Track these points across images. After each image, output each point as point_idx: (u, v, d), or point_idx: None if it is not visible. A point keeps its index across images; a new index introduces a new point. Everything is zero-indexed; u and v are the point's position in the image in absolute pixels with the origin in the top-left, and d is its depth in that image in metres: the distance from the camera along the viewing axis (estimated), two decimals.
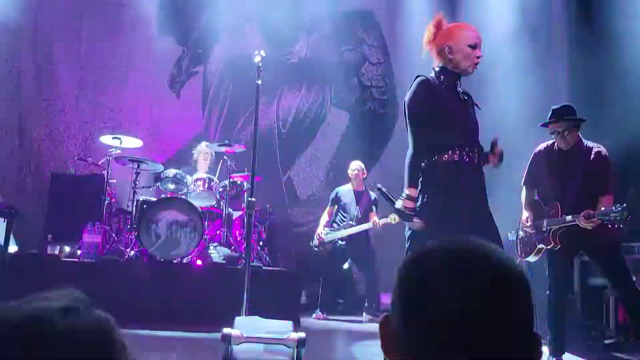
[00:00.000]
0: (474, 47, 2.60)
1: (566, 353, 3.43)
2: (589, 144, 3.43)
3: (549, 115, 3.46)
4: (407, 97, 2.66)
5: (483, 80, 4.65)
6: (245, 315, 2.74)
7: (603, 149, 3.44)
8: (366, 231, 5.49)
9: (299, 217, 6.77)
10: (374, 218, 5.46)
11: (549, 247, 3.35)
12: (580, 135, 3.43)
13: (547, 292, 3.36)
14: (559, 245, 3.31)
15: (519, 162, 3.62)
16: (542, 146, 3.58)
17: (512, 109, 5.73)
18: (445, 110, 2.57)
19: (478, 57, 2.61)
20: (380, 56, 7.17)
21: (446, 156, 2.54)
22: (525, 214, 3.53)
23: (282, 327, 2.47)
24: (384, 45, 7.18)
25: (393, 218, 5.01)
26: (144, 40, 6.54)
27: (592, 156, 3.40)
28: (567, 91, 6.34)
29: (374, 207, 5.55)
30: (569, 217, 3.27)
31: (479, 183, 2.64)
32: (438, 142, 2.55)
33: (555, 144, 3.46)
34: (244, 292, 2.80)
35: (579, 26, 6.41)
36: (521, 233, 3.60)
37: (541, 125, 3.47)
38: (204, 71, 6.86)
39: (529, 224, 3.47)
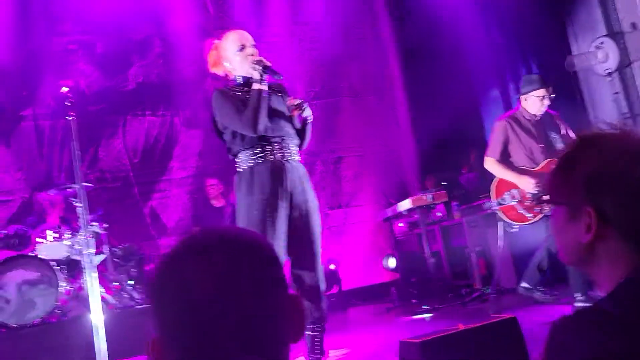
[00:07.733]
0: (242, 48, 2.68)
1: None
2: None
3: (529, 81, 3.57)
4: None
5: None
6: None
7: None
8: None
9: (170, 245, 6.48)
10: None
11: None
12: None
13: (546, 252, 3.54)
14: None
15: None
16: (503, 119, 3.67)
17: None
18: None
19: (252, 55, 2.65)
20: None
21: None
22: (526, 178, 3.48)
23: None
24: None
25: None
26: None
27: (558, 120, 3.64)
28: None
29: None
30: None
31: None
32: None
33: (520, 112, 3.61)
34: (100, 339, 2.59)
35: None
36: (512, 201, 3.51)
37: (523, 94, 3.56)
38: (34, 112, 6.27)
39: (532, 188, 3.44)
